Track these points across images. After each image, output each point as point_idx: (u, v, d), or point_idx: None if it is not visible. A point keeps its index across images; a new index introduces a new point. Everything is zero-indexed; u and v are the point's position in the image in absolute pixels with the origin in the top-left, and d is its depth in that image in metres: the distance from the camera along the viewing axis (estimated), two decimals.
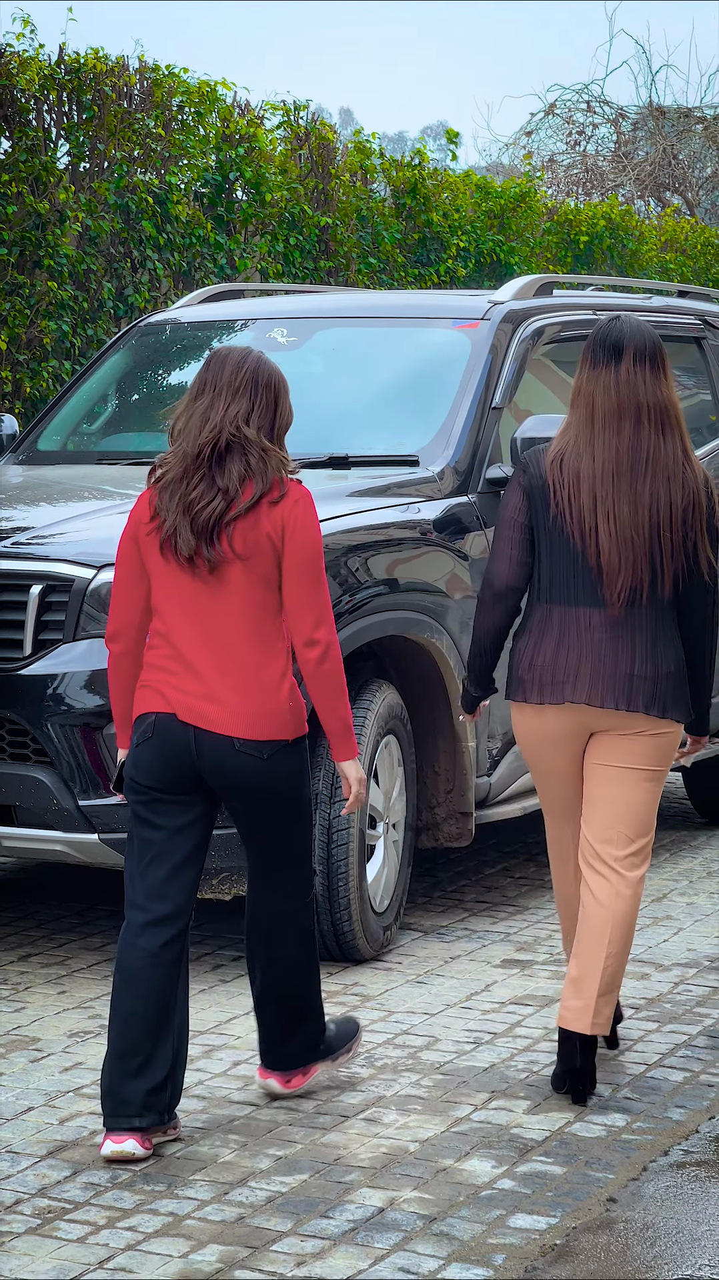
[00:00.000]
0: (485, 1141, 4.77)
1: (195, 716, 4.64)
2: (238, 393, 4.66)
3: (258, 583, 4.65)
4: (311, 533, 4.66)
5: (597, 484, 4.94)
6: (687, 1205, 4.41)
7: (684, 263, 20.08)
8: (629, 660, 4.97)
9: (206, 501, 4.61)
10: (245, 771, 4.66)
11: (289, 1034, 4.97)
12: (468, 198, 15.81)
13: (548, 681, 4.99)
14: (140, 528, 4.73)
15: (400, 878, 6.42)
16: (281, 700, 4.66)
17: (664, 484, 4.94)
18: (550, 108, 30.57)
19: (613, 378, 4.97)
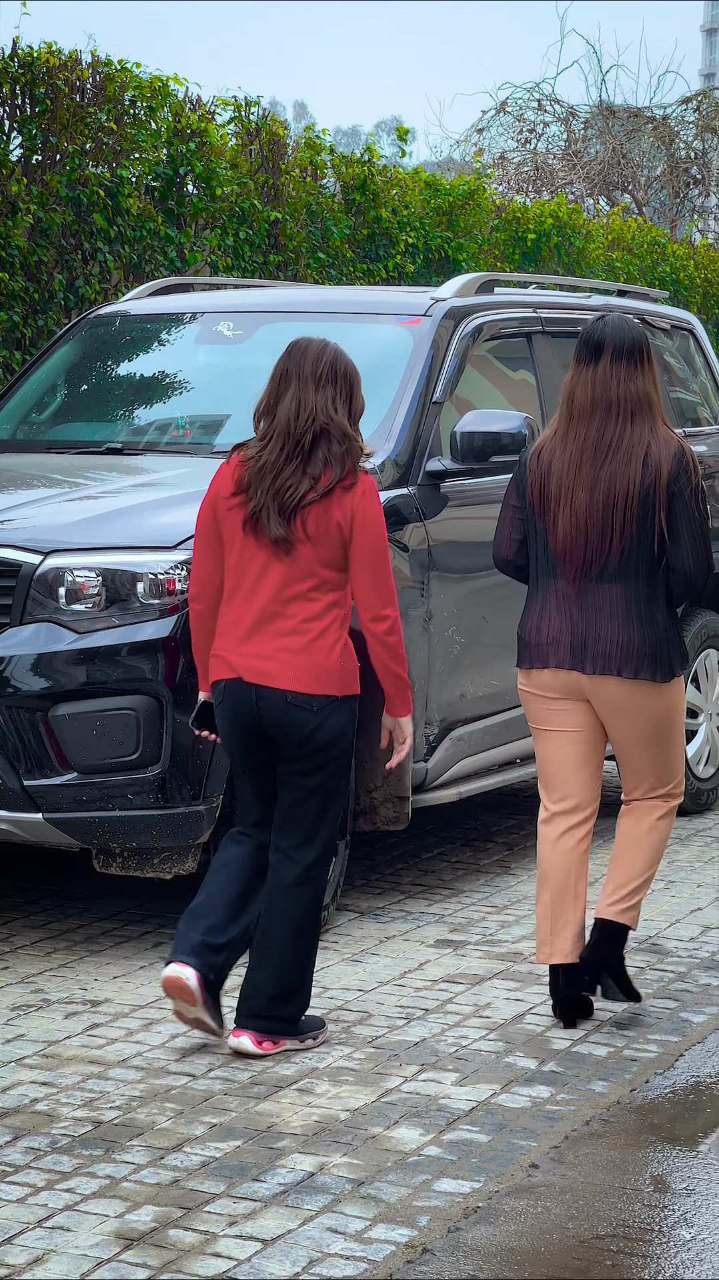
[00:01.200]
0: (414, 1111, 4.94)
1: (256, 675, 5.17)
2: (321, 381, 5.14)
3: (322, 561, 5.16)
4: (378, 523, 5.18)
5: (563, 473, 5.47)
6: (604, 1171, 4.59)
7: (630, 261, 20.27)
8: (600, 629, 5.48)
9: (294, 485, 5.09)
10: (298, 723, 5.17)
11: (277, 998, 5.27)
12: (417, 194, 15.96)
13: (536, 648, 5.58)
14: (220, 500, 5.23)
15: (338, 860, 6.58)
16: (333, 661, 5.17)
17: (624, 466, 5.41)
18: (502, 105, 30.76)
19: (591, 374, 5.47)
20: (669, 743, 5.66)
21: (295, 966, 5.28)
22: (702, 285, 22.33)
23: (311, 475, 5.12)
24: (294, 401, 5.13)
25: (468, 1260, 4.09)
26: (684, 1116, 4.99)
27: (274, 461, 5.12)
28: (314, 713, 5.16)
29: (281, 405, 5.15)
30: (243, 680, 5.20)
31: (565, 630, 5.52)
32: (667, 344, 8.94)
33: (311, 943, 5.29)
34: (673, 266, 21.36)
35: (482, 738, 7.23)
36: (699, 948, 6.51)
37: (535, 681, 5.63)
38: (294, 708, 5.16)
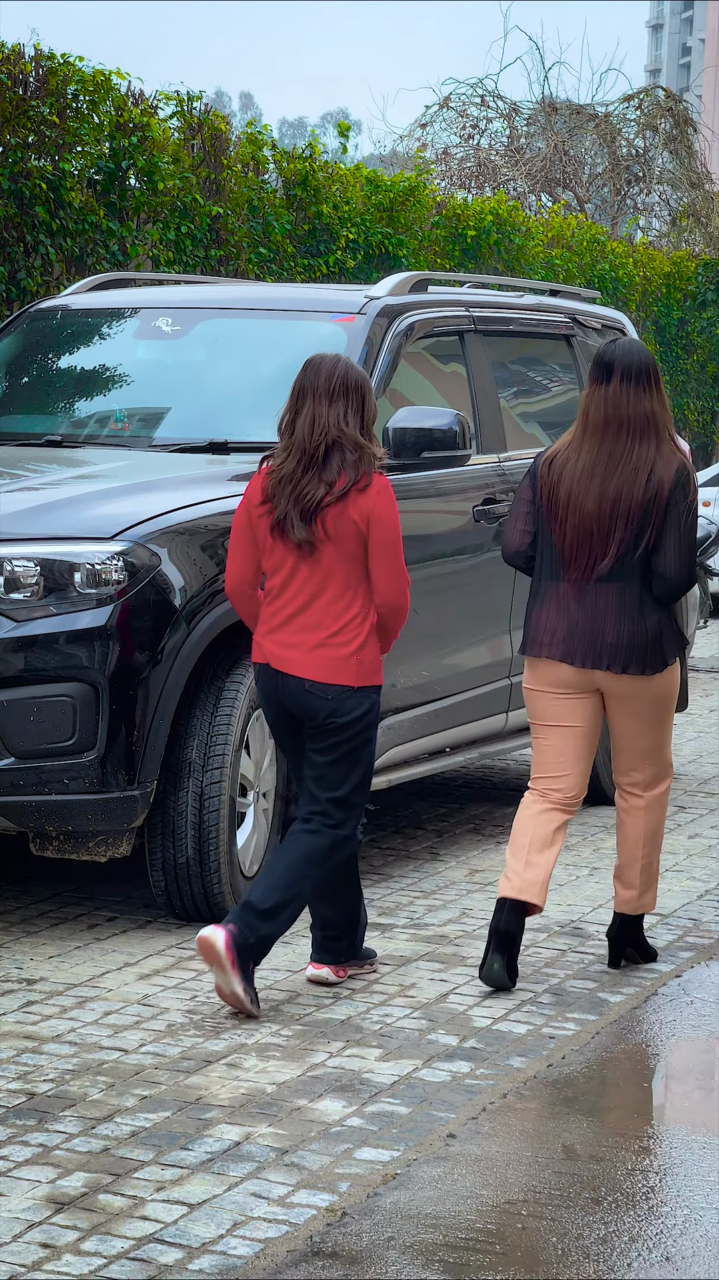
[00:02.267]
0: (338, 1085, 5.12)
1: (280, 663, 5.69)
2: (334, 397, 5.66)
3: (345, 558, 5.66)
4: (393, 519, 5.68)
5: (574, 482, 5.97)
6: (518, 1140, 4.78)
7: (569, 259, 20.48)
8: (597, 627, 5.96)
9: (312, 492, 5.60)
10: (313, 708, 5.68)
11: (345, 932, 5.93)
12: (358, 190, 16.12)
13: (539, 641, 6.04)
14: (253, 508, 5.74)
15: (269, 844, 6.74)
16: (349, 653, 5.66)
17: (630, 480, 5.91)
18: (445, 101, 30.92)
19: (604, 394, 5.97)
20: (664, 724, 6.14)
21: (341, 903, 5.89)
22: (640, 283, 22.57)
23: (327, 481, 5.62)
24: (308, 417, 5.65)
25: (385, 1223, 4.27)
26: (596, 1090, 5.18)
27: (292, 473, 5.65)
28: (328, 700, 5.66)
29: (299, 420, 5.67)
30: (270, 666, 5.72)
31: (564, 626, 5.99)
32: (599, 343, 9.12)
33: (350, 883, 5.87)
34: (612, 264, 21.58)
35: (412, 727, 7.41)
36: None
37: (537, 671, 6.07)
38: (310, 694, 5.66)
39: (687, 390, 23.89)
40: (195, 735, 6.35)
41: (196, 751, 6.35)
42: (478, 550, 7.80)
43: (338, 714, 5.66)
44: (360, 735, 5.72)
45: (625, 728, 6.11)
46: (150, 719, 6.19)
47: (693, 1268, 4.11)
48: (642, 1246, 4.21)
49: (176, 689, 6.26)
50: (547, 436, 8.56)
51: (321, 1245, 4.15)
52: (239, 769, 6.46)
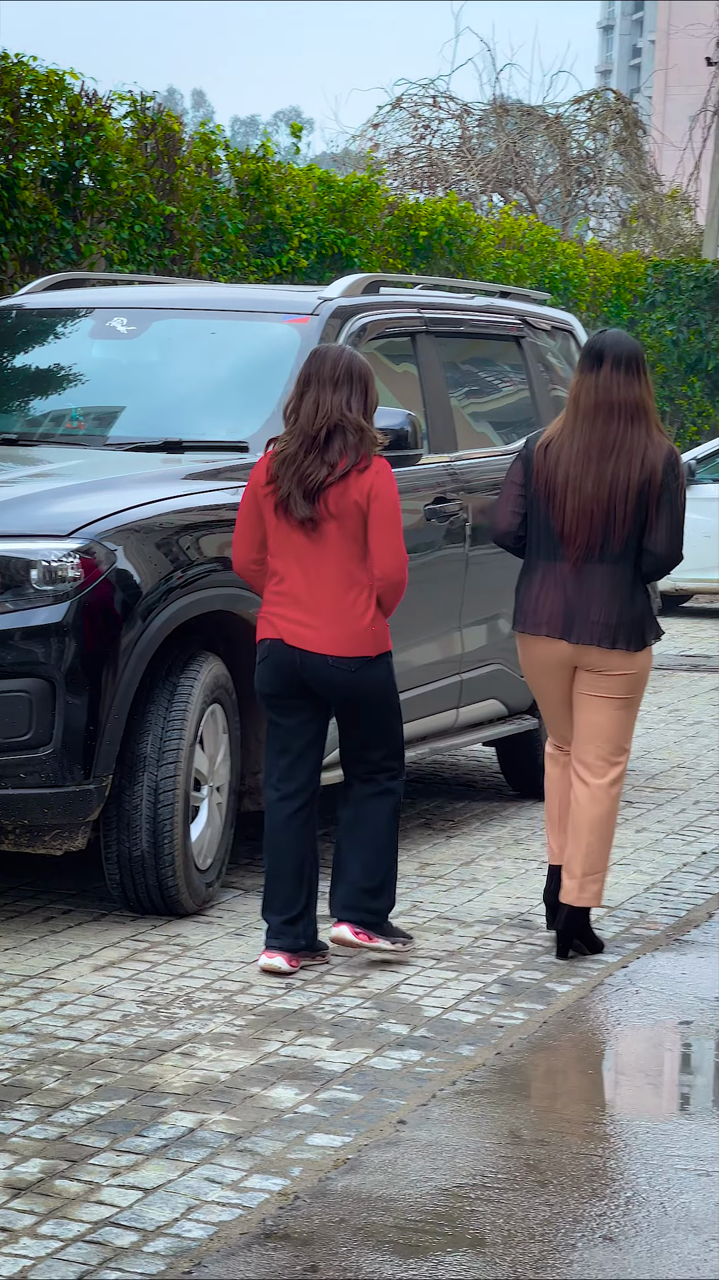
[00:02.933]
0: (290, 1073, 5.21)
1: (298, 640, 6.00)
2: (338, 384, 5.98)
3: (348, 536, 5.97)
4: (391, 497, 6.00)
5: (571, 466, 6.25)
6: (467, 1126, 4.88)
7: (521, 259, 20.60)
8: (589, 603, 6.26)
9: (314, 472, 5.92)
10: (337, 682, 6.01)
11: (373, 893, 6.14)
12: (311, 190, 16.20)
13: (532, 617, 6.37)
14: (259, 489, 6.06)
15: (223, 838, 6.84)
16: (365, 625, 6.00)
17: (625, 464, 6.20)
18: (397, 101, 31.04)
19: (594, 381, 6.25)
20: (631, 705, 6.40)
21: (382, 863, 6.15)
22: (591, 284, 22.71)
23: (329, 463, 5.95)
24: (313, 402, 5.97)
25: (336, 1206, 4.37)
26: (543, 1078, 5.29)
27: (294, 454, 5.97)
28: (352, 672, 6.02)
29: (303, 405, 5.99)
30: (284, 642, 6.00)
31: (559, 604, 6.31)
32: (548, 344, 9.24)
33: (394, 844, 6.19)
34: (563, 265, 21.71)
35: None
36: None
37: (529, 646, 6.43)
38: (334, 669, 6.00)
39: None
40: (150, 730, 6.43)
41: (152, 746, 6.43)
42: (429, 548, 7.89)
43: (364, 684, 6.04)
44: (389, 694, 6.14)
45: (594, 709, 6.35)
46: (106, 714, 6.27)
47: (634, 1247, 4.22)
48: (585, 1227, 4.32)
49: (132, 684, 6.34)
50: (498, 436, 8.66)
51: (274, 1228, 4.25)
52: (193, 763, 6.54)
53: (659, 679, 12.94)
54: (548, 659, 6.38)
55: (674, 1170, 4.66)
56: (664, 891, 7.31)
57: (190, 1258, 4.08)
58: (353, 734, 6.18)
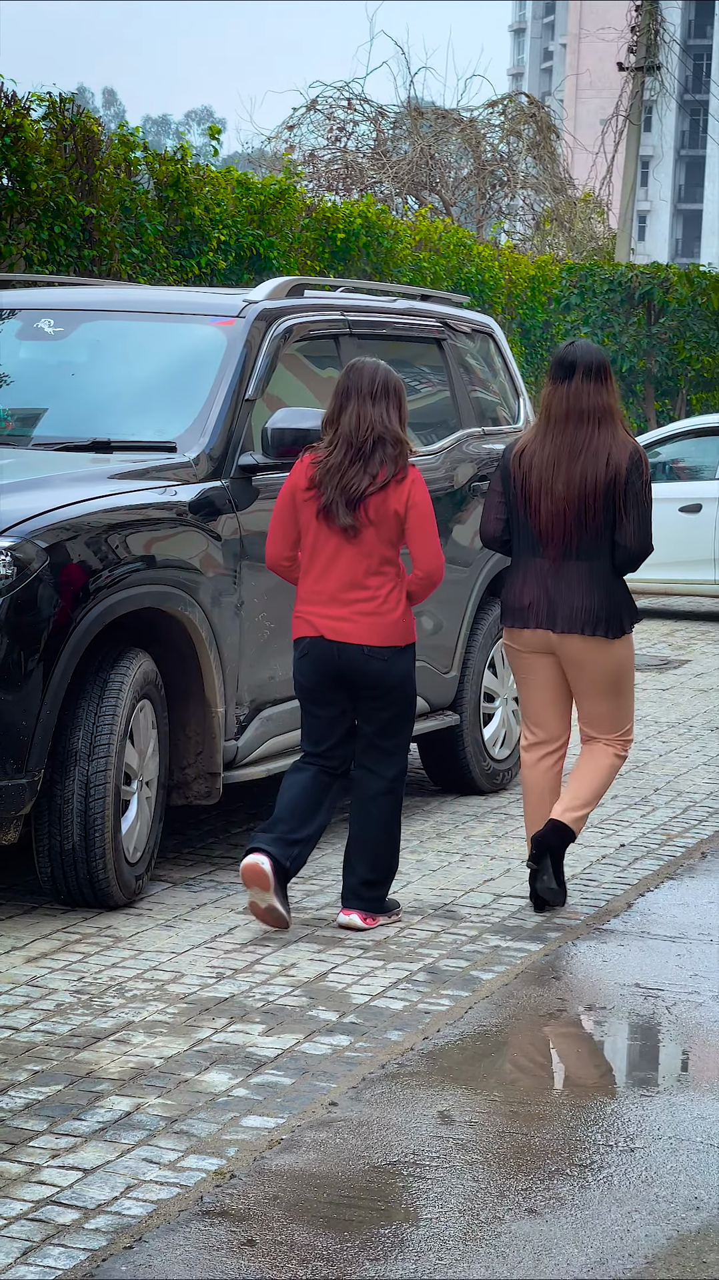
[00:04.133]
0: (224, 1058, 5.34)
1: (337, 634, 6.52)
2: (376, 398, 6.47)
3: (383, 540, 6.50)
4: (428, 504, 6.54)
5: (543, 470, 6.79)
6: (397, 1107, 5.03)
7: (437, 262, 20.77)
8: (570, 595, 6.80)
9: (357, 482, 6.40)
10: (373, 670, 6.52)
11: (375, 882, 6.64)
12: (229, 192, 16.30)
13: (517, 611, 6.91)
14: (298, 492, 6.55)
15: (152, 832, 6.95)
16: (396, 619, 6.54)
17: (592, 464, 6.72)
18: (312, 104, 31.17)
19: (565, 390, 6.78)
20: (621, 693, 6.96)
21: (386, 856, 6.68)
22: (506, 286, 22.91)
23: (370, 473, 6.44)
24: (354, 415, 6.46)
25: (271, 1183, 4.50)
26: (471, 1061, 5.44)
27: (339, 464, 6.45)
28: (385, 661, 6.52)
29: (344, 417, 6.47)
30: (325, 638, 6.51)
31: (542, 597, 6.84)
32: (468, 346, 9.39)
33: (397, 837, 6.72)
34: (478, 267, 21.89)
35: (289, 718, 7.62)
36: (491, 914, 6.98)
37: (517, 639, 6.95)
38: (369, 658, 6.50)
39: None
40: (81, 725, 6.54)
41: (83, 741, 6.54)
42: None
43: (393, 673, 6.54)
44: (411, 686, 6.65)
45: (584, 692, 6.94)
46: (38, 710, 6.37)
47: (559, 1219, 4.37)
48: (511, 1200, 4.47)
49: (63, 680, 6.44)
50: (419, 437, 8.80)
51: (212, 1205, 4.38)
52: (124, 758, 6.65)
53: None
54: (534, 649, 6.91)
55: (597, 1146, 4.82)
56: (584, 883, 7.48)
57: (131, 1233, 4.21)
58: (373, 721, 6.63)
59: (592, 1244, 4.25)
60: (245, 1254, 4.13)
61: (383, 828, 6.67)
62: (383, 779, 6.69)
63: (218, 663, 7.11)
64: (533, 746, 7.07)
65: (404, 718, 6.70)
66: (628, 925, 6.91)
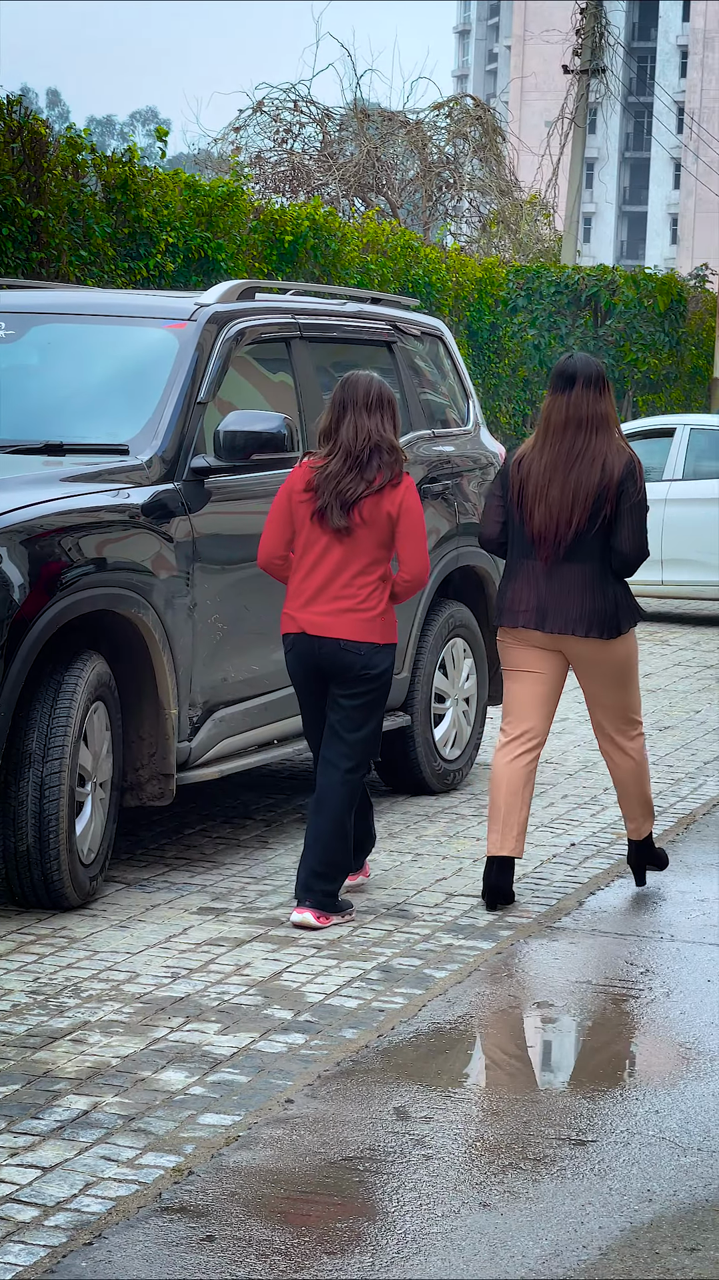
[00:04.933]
0: (180, 1057, 5.38)
1: (318, 629, 6.76)
2: (372, 409, 6.76)
3: (374, 541, 6.78)
4: (419, 510, 6.84)
5: (540, 476, 7.03)
6: (353, 1104, 5.08)
7: (384, 264, 20.83)
8: (561, 598, 7.02)
9: (353, 488, 6.69)
10: (349, 664, 6.75)
11: (326, 877, 6.77)
12: (177, 195, 16.34)
13: (513, 612, 7.12)
14: (295, 494, 6.81)
15: (106, 833, 6.98)
16: (375, 615, 6.78)
17: (588, 470, 6.97)
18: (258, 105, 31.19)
19: (565, 400, 7.04)
20: (627, 686, 7.20)
21: (337, 850, 6.79)
22: (453, 288, 22.99)
23: (367, 479, 6.73)
24: (352, 426, 6.74)
25: (229, 1180, 4.54)
26: (425, 1058, 5.49)
27: (337, 472, 6.73)
28: (361, 655, 6.74)
29: (342, 428, 6.75)
30: (306, 634, 6.76)
31: (534, 599, 7.05)
32: (417, 349, 9.45)
33: (347, 833, 6.84)
34: (425, 270, 21.96)
35: (242, 719, 7.67)
36: (443, 913, 7.03)
37: (510, 640, 7.17)
38: (344, 651, 6.73)
39: (499, 393, 24.39)
40: (35, 727, 6.57)
41: (37, 743, 6.57)
42: None
43: (369, 667, 6.75)
44: (384, 685, 6.83)
45: (592, 689, 7.20)
46: None
47: (514, 1212, 4.43)
48: (467, 1194, 4.52)
49: (17, 683, 6.46)
50: None
51: (171, 1202, 4.42)
52: (78, 759, 6.68)
53: None
54: (526, 648, 7.11)
55: (551, 1140, 4.88)
56: (535, 881, 7.55)
57: (91, 1230, 4.24)
58: (338, 710, 6.82)
59: (546, 1236, 4.31)
60: (205, 1250, 4.17)
61: (333, 822, 6.77)
62: (338, 770, 6.80)
63: (171, 664, 7.15)
64: (511, 742, 7.15)
65: (371, 710, 6.84)
66: (579, 923, 6.98)
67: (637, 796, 7.34)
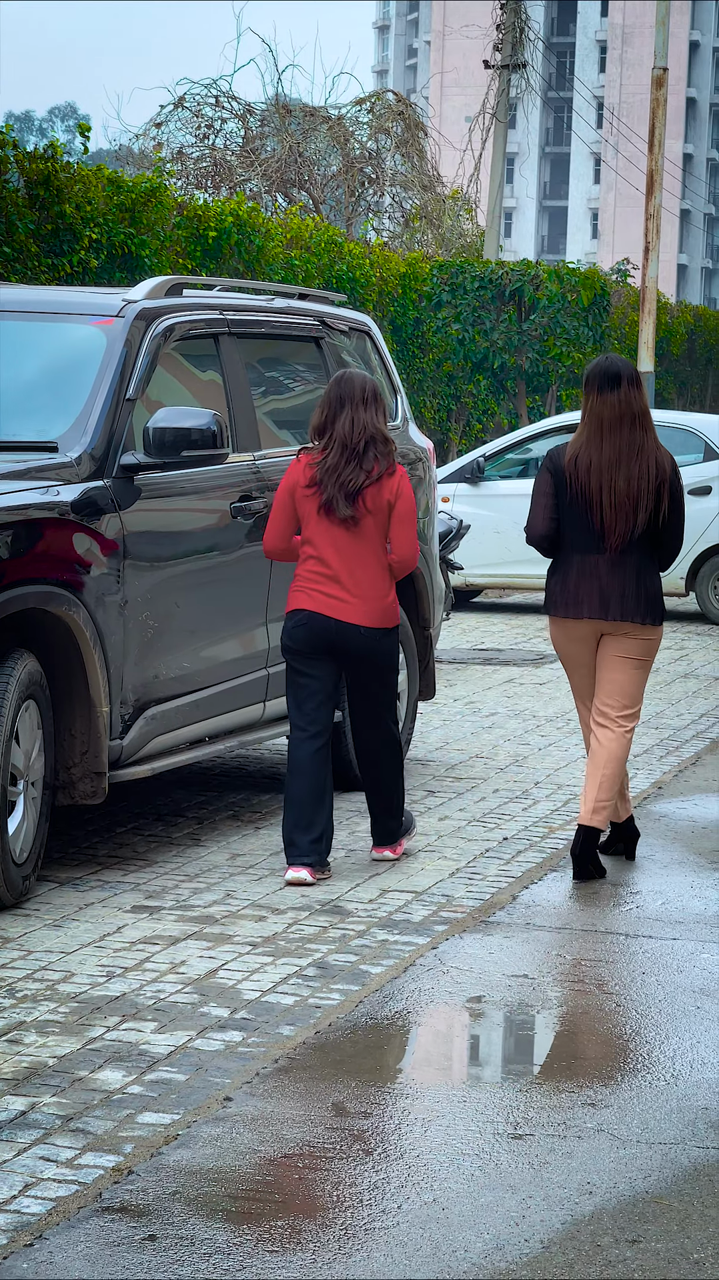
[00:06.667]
0: (117, 1056, 5.36)
1: (335, 612, 7.30)
2: (367, 403, 7.27)
3: (378, 529, 7.32)
4: (412, 496, 7.38)
5: (603, 471, 7.42)
6: (292, 1101, 5.07)
7: (309, 260, 20.81)
8: (622, 586, 7.49)
9: (354, 479, 7.19)
10: (365, 647, 7.34)
11: (391, 817, 7.61)
12: (100, 190, 16.26)
13: (572, 602, 7.55)
14: (298, 489, 7.31)
15: (39, 832, 6.94)
16: (387, 603, 7.39)
17: (647, 464, 7.43)
18: (180, 101, 31.09)
19: (615, 397, 7.43)
20: (645, 670, 7.66)
21: (399, 796, 7.65)
22: (377, 284, 22.99)
23: (365, 470, 7.23)
24: (349, 420, 7.23)
25: (169, 1179, 4.53)
26: (363, 1054, 5.49)
27: (337, 464, 7.22)
28: (376, 641, 7.34)
29: (339, 422, 7.24)
30: (324, 615, 7.27)
31: (596, 590, 7.49)
32: (345, 344, 9.44)
33: (401, 777, 7.65)
34: (350, 265, 21.95)
35: (173, 716, 7.65)
36: (378, 908, 7.04)
37: (567, 628, 7.61)
38: (364, 638, 7.31)
39: (423, 388, 24.41)
40: None
41: None
42: (235, 546, 8.06)
43: (380, 652, 7.37)
44: (395, 662, 7.52)
45: (613, 672, 7.58)
46: None
47: (457, 1207, 4.44)
48: (409, 1190, 4.52)
49: None
50: (298, 435, 8.84)
51: (111, 1201, 4.40)
52: (10, 759, 6.64)
53: (453, 672, 13.23)
54: (586, 637, 7.57)
55: (491, 1135, 4.89)
56: (469, 876, 7.56)
57: (31, 1231, 4.22)
58: (365, 694, 7.46)
59: (488, 1231, 4.32)
60: (147, 1249, 4.16)
61: (393, 774, 7.55)
62: (383, 731, 7.51)
63: (102, 662, 7.11)
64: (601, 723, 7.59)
65: (392, 684, 7.54)
66: (513, 917, 6.99)
67: (606, 780, 7.55)
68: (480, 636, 15.47)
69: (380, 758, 7.58)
